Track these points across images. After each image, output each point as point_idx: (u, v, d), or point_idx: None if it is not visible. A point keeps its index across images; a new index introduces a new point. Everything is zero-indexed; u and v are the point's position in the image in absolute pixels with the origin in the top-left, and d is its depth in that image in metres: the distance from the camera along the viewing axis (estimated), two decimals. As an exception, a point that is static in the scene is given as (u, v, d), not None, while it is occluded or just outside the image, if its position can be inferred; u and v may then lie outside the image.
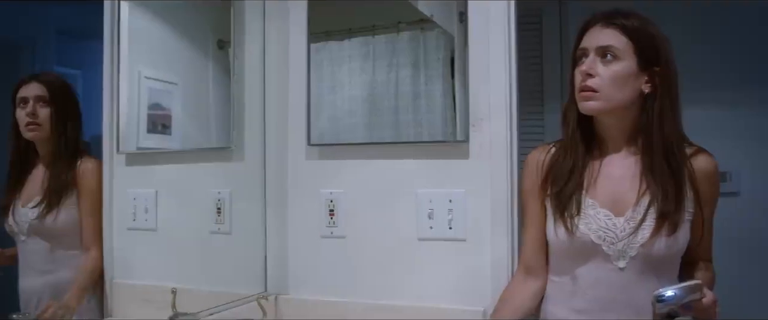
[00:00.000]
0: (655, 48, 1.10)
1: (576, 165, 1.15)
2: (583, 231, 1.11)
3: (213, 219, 1.43)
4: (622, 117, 1.12)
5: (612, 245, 1.09)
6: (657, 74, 1.10)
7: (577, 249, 1.12)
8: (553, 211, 1.15)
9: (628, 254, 1.09)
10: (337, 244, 1.43)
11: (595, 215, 1.11)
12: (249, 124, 1.47)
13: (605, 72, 1.09)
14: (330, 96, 1.47)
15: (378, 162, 1.41)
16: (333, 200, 1.44)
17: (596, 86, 1.09)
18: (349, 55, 1.46)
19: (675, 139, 1.10)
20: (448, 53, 1.38)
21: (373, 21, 1.45)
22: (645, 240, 1.07)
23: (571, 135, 1.16)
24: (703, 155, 1.14)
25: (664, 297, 0.94)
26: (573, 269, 1.14)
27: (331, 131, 1.46)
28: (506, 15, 1.33)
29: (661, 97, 1.10)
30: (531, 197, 1.21)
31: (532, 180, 1.20)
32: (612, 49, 1.09)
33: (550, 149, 1.20)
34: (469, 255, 1.32)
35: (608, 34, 1.10)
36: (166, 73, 1.44)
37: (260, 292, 1.44)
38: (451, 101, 1.36)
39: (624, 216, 1.10)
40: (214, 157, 1.47)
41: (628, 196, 1.11)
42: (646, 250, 1.08)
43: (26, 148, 1.17)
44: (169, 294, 1.25)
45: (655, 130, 1.09)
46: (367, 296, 1.39)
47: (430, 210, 1.35)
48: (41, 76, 1.17)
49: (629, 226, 1.09)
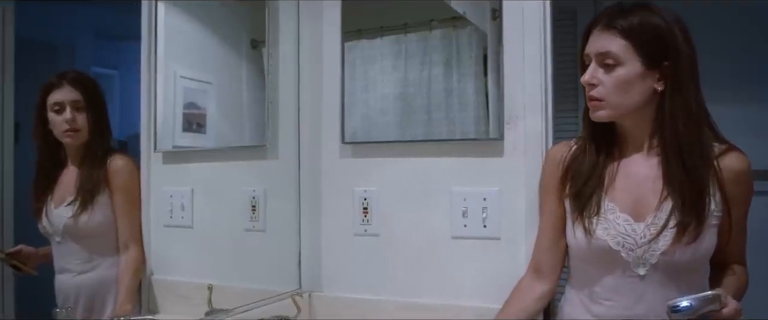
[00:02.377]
0: (660, 43, 1.03)
1: (596, 165, 1.11)
2: (601, 236, 1.06)
3: (248, 216, 1.45)
4: (638, 119, 1.08)
5: (631, 252, 1.05)
6: (667, 69, 1.04)
7: (595, 254, 1.08)
8: (572, 211, 1.12)
9: (649, 261, 1.04)
10: (371, 242, 1.44)
11: (614, 220, 1.07)
12: (283, 123, 1.48)
13: (607, 79, 1.04)
14: (362, 94, 1.48)
15: (411, 160, 1.41)
16: (367, 198, 1.44)
17: (600, 95, 1.05)
18: (381, 54, 1.46)
19: (692, 139, 1.04)
20: (481, 51, 1.37)
21: (405, 19, 1.45)
22: (666, 247, 1.02)
23: (588, 136, 1.13)
24: (733, 153, 1.07)
25: (679, 307, 0.90)
26: (592, 274, 1.11)
27: (364, 129, 1.47)
28: (541, 14, 1.31)
29: (676, 92, 1.03)
30: (549, 193, 1.18)
31: (551, 175, 1.18)
32: (610, 55, 1.03)
33: (572, 146, 1.17)
34: (503, 254, 1.31)
35: (606, 38, 1.04)
36: (201, 72, 1.47)
37: (294, 289, 1.45)
38: (484, 99, 1.35)
39: (644, 222, 1.05)
40: (248, 155, 1.48)
41: (649, 200, 1.06)
42: (667, 258, 1.03)
43: (56, 149, 1.18)
44: (205, 291, 1.27)
45: (667, 130, 1.04)
46: (400, 294, 1.39)
47: (465, 208, 1.34)
48: (69, 76, 1.17)
49: (650, 233, 1.04)
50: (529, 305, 1.20)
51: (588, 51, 1.07)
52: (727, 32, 2.51)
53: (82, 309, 1.18)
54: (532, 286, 1.21)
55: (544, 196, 1.21)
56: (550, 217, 1.19)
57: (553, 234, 1.18)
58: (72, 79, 1.17)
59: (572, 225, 1.11)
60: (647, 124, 1.08)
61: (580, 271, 1.15)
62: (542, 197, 1.21)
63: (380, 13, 1.49)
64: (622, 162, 1.12)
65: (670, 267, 1.04)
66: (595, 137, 1.13)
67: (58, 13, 1.15)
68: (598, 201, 1.09)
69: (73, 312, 1.16)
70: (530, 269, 1.23)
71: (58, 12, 1.15)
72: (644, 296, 1.05)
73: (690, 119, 1.03)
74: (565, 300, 1.20)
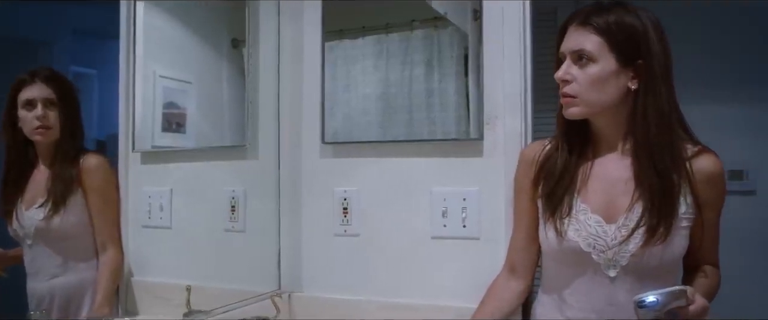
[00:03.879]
0: (635, 42, 1.03)
1: (568, 165, 1.11)
2: (572, 237, 1.06)
3: (227, 217, 1.44)
4: (611, 117, 1.07)
5: (601, 253, 1.05)
6: (641, 68, 1.04)
7: (566, 255, 1.09)
8: (544, 212, 1.11)
9: (619, 263, 1.04)
10: (351, 242, 1.43)
11: (585, 221, 1.07)
12: (263, 123, 1.48)
13: (581, 76, 1.04)
14: (344, 94, 1.47)
15: (391, 160, 1.41)
16: (347, 198, 1.44)
17: (573, 92, 1.05)
18: (363, 54, 1.46)
19: (664, 139, 1.03)
20: (462, 51, 1.37)
21: (387, 19, 1.45)
22: (636, 249, 1.02)
23: (561, 136, 1.12)
24: (705, 155, 1.07)
25: (645, 302, 0.90)
26: (563, 275, 1.11)
27: (345, 129, 1.47)
28: (521, 14, 1.32)
29: (643, 93, 1.03)
30: (522, 193, 1.18)
31: (524, 175, 1.18)
32: (584, 52, 1.03)
33: (545, 145, 1.17)
34: (483, 254, 1.31)
35: (581, 35, 1.04)
36: (181, 72, 1.45)
37: (274, 290, 1.45)
38: (465, 99, 1.36)
39: (616, 224, 1.05)
40: (228, 155, 1.48)
41: (620, 202, 1.06)
42: (637, 260, 1.03)
43: (26, 148, 1.14)
44: (184, 292, 1.26)
45: (638, 129, 1.03)
46: (380, 294, 1.39)
47: (444, 208, 1.35)
48: (42, 73, 1.13)
49: (620, 234, 1.03)
50: (504, 304, 1.21)
51: (563, 48, 1.08)
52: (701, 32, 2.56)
53: (56, 314, 1.14)
54: (507, 285, 1.22)
55: (517, 196, 1.21)
56: (523, 217, 1.19)
57: (527, 234, 1.19)
58: (45, 76, 1.14)
59: (544, 226, 1.11)
60: (621, 124, 1.07)
61: (552, 272, 1.16)
62: (516, 197, 1.21)
63: (362, 13, 1.49)
64: (595, 163, 1.11)
65: (641, 269, 1.03)
66: (568, 137, 1.12)
67: (36, 11, 1.13)
68: (569, 202, 1.09)
69: (47, 315, 1.13)
70: (505, 268, 1.24)
71: (37, 10, 1.13)
72: (615, 298, 1.05)
73: (662, 119, 1.03)
74: (538, 302, 1.20)
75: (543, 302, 1.18)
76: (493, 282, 1.24)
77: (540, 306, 1.19)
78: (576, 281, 1.09)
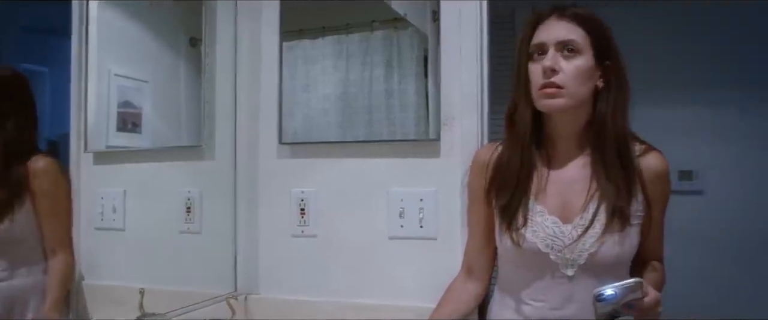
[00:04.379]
0: (607, 41, 1.07)
1: (525, 171, 1.10)
2: (531, 239, 1.07)
3: (182, 218, 1.41)
4: (578, 114, 1.08)
5: (559, 253, 1.06)
6: (609, 68, 1.07)
7: (525, 257, 1.09)
8: (501, 222, 1.11)
9: (577, 262, 1.05)
10: (308, 243, 1.43)
11: (542, 222, 1.08)
12: (220, 123, 1.46)
13: (568, 67, 1.04)
14: (304, 94, 1.46)
15: (350, 161, 1.41)
16: (304, 199, 1.43)
17: (561, 82, 1.03)
18: (323, 54, 1.45)
19: (624, 138, 1.06)
20: (422, 52, 1.38)
21: (347, 19, 1.44)
22: (592, 245, 1.04)
23: (524, 137, 1.10)
24: (652, 154, 1.10)
25: (604, 295, 0.92)
26: (521, 276, 1.12)
27: (305, 129, 1.45)
28: (478, 14, 1.33)
29: (614, 91, 1.06)
30: (476, 198, 1.18)
31: (477, 181, 1.17)
32: (573, 42, 1.04)
33: (496, 147, 1.16)
34: (440, 254, 1.32)
35: (566, 27, 1.05)
36: (137, 70, 1.42)
37: (230, 292, 1.43)
38: (424, 100, 1.36)
39: (572, 223, 1.06)
40: (184, 155, 1.45)
41: (577, 201, 1.08)
42: (594, 258, 1.04)
43: None
44: (137, 295, 1.23)
45: (608, 124, 1.05)
46: (337, 295, 1.38)
47: (401, 209, 1.35)
48: None
49: (576, 233, 1.05)
50: (461, 306, 1.22)
51: (545, 39, 1.06)
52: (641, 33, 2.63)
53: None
54: (465, 287, 1.23)
55: (472, 201, 1.21)
56: (479, 221, 1.19)
57: (483, 236, 1.19)
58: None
59: (501, 234, 1.12)
60: (582, 121, 1.09)
61: (510, 273, 1.16)
62: (470, 201, 1.22)
63: (322, 14, 1.48)
64: (551, 165, 1.12)
65: (597, 267, 1.05)
66: (521, 139, 1.10)
67: (-17, 8, 1.10)
68: (525, 212, 1.09)
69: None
70: (462, 271, 1.24)
71: (-15, 7, 1.10)
72: (573, 296, 1.07)
73: (624, 119, 1.07)
74: (494, 301, 1.21)
75: (500, 302, 1.18)
76: (450, 285, 1.25)
77: (497, 307, 1.19)
78: (534, 281, 1.10)
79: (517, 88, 1.11)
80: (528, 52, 1.09)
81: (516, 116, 1.11)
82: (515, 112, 1.11)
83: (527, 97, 1.09)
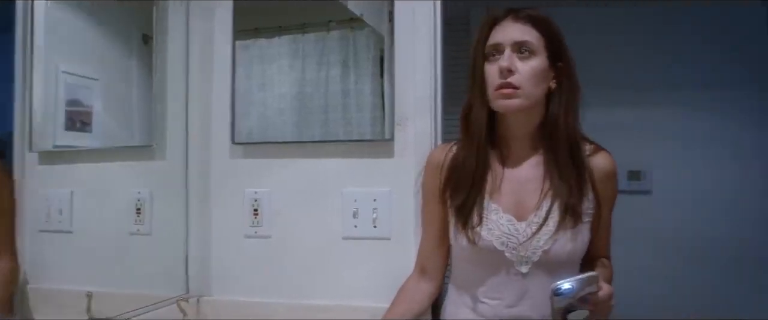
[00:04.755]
0: (560, 43, 1.09)
1: (479, 171, 1.11)
2: (486, 237, 1.08)
3: (132, 219, 1.38)
4: (532, 115, 1.10)
5: (514, 250, 1.07)
6: (561, 70, 1.09)
7: (480, 255, 1.10)
8: (456, 221, 1.12)
9: (531, 259, 1.07)
10: (262, 244, 1.41)
11: (497, 220, 1.09)
12: (171, 122, 1.43)
13: (523, 68, 1.05)
14: (259, 94, 1.45)
15: (304, 161, 1.40)
16: (257, 199, 1.41)
17: (518, 83, 1.04)
18: (279, 53, 1.44)
19: (576, 139, 1.09)
20: (378, 52, 1.38)
21: (303, 19, 1.43)
22: (546, 242, 1.06)
23: (479, 136, 1.11)
24: (601, 154, 1.13)
25: (562, 289, 0.93)
26: (476, 274, 1.13)
27: (261, 129, 1.44)
28: (432, 15, 1.34)
29: (566, 92, 1.09)
30: (431, 198, 1.19)
31: (432, 181, 1.18)
32: (528, 44, 1.06)
33: (451, 147, 1.17)
34: (394, 254, 1.32)
35: (522, 28, 1.07)
36: (87, 68, 1.39)
37: (181, 294, 1.41)
38: (380, 100, 1.36)
39: (526, 221, 1.08)
40: (134, 155, 1.42)
41: (530, 200, 1.10)
42: (548, 255, 1.06)
43: None
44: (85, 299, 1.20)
45: (561, 125, 1.08)
46: (292, 296, 1.37)
47: (355, 209, 1.35)
48: None
49: (531, 230, 1.07)
50: (415, 305, 1.22)
51: (501, 39, 1.07)
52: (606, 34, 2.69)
53: None
54: (418, 287, 1.23)
55: (426, 200, 1.22)
56: (433, 221, 1.20)
57: (437, 236, 1.20)
58: None
59: (456, 233, 1.12)
60: (535, 122, 1.11)
61: (465, 272, 1.17)
62: (424, 201, 1.22)
63: (278, 13, 1.46)
64: (505, 164, 1.14)
65: (551, 264, 1.07)
66: (476, 138, 1.12)
67: None
68: (480, 210, 1.10)
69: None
70: (416, 270, 1.25)
71: None
72: (527, 293, 1.09)
73: (575, 119, 1.09)
74: (449, 300, 1.22)
75: (455, 301, 1.19)
76: (403, 284, 1.25)
77: (451, 306, 1.20)
78: (489, 279, 1.11)
79: (473, 89, 1.12)
80: (483, 52, 1.10)
81: (471, 116, 1.12)
82: (470, 112, 1.12)
83: (483, 97, 1.10)
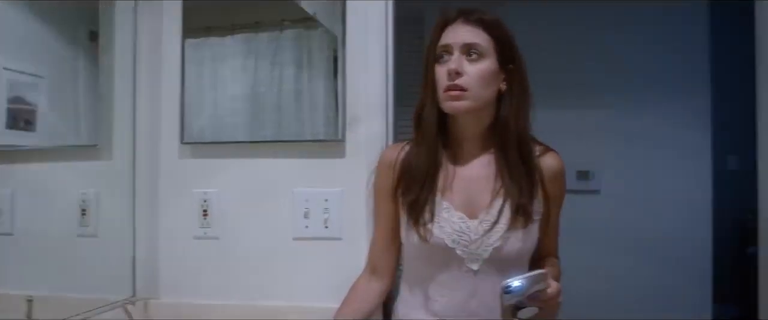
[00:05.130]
0: (510, 46, 1.11)
1: (431, 169, 1.12)
2: (438, 235, 1.09)
3: (77, 221, 1.34)
4: (482, 116, 1.12)
5: (465, 248, 1.09)
6: (512, 72, 1.11)
7: (432, 253, 1.11)
8: (407, 218, 1.13)
9: (482, 256, 1.08)
10: (211, 245, 1.39)
11: (449, 218, 1.10)
12: (118, 122, 1.40)
13: (472, 70, 1.07)
14: (211, 93, 1.43)
15: (255, 161, 1.39)
16: (207, 200, 1.39)
17: (465, 85, 1.06)
18: (232, 52, 1.42)
19: (526, 139, 1.11)
20: (332, 52, 1.37)
21: (256, 18, 1.42)
22: (497, 241, 1.08)
23: (430, 137, 1.12)
24: (550, 154, 1.15)
25: (511, 287, 0.94)
26: (428, 272, 1.14)
27: (213, 129, 1.42)
28: (384, 15, 1.34)
29: (517, 94, 1.10)
30: (383, 197, 1.19)
31: (384, 180, 1.19)
32: (477, 46, 1.07)
33: (403, 147, 1.18)
34: (345, 254, 1.32)
35: (471, 31, 1.08)
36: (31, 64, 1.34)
37: (127, 297, 1.38)
38: (334, 100, 1.36)
39: (478, 219, 1.10)
40: (79, 155, 1.38)
41: (482, 198, 1.11)
42: (499, 253, 1.08)
43: None
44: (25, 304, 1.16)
45: (511, 126, 1.10)
46: (242, 297, 1.36)
47: (306, 209, 1.34)
48: None
49: (482, 228, 1.08)
50: (365, 305, 1.22)
51: (450, 41, 1.09)
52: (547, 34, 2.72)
53: None
54: (370, 286, 1.23)
55: (378, 199, 1.22)
56: (385, 220, 1.20)
57: (388, 235, 1.20)
58: None
59: (408, 231, 1.13)
60: (486, 123, 1.12)
61: (416, 269, 1.18)
62: (377, 200, 1.22)
63: (231, 12, 1.44)
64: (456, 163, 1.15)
65: (501, 261, 1.09)
66: (428, 138, 1.13)
67: None
68: (432, 208, 1.11)
69: None
70: (367, 269, 1.25)
71: None
72: (477, 290, 1.10)
73: (526, 121, 1.11)
74: (400, 299, 1.22)
75: (406, 300, 1.20)
76: (355, 283, 1.25)
77: (402, 304, 1.21)
78: (440, 277, 1.12)
79: (425, 89, 1.13)
80: (435, 53, 1.11)
81: (423, 116, 1.13)
82: (422, 112, 1.14)
83: (434, 97, 1.11)
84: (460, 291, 1.11)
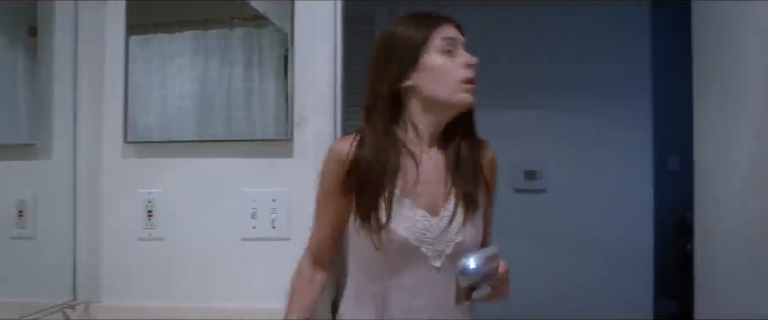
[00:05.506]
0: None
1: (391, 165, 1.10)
2: (402, 234, 1.08)
3: (14, 223, 1.29)
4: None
5: (430, 245, 1.09)
6: None
7: (396, 251, 1.09)
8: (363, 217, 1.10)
9: (445, 252, 1.09)
10: (156, 247, 1.37)
11: (412, 217, 1.09)
12: (58, 120, 1.35)
13: None
14: (159, 91, 1.40)
15: (202, 160, 1.37)
16: (151, 200, 1.37)
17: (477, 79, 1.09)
18: (180, 49, 1.40)
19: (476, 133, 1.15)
20: (283, 51, 1.37)
21: (206, 15, 1.40)
22: (458, 235, 1.08)
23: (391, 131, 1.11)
24: (484, 143, 1.18)
25: (469, 268, 0.95)
26: (384, 272, 1.12)
27: (160, 128, 1.39)
28: (333, 15, 1.35)
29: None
30: (332, 191, 1.15)
31: (334, 174, 1.14)
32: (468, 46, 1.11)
33: (352, 141, 1.13)
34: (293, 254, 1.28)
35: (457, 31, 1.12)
36: (-34, 60, 1.29)
37: (67, 301, 1.33)
38: (284, 100, 1.35)
39: (439, 216, 1.10)
40: (16, 154, 1.33)
41: (440, 194, 1.11)
42: (460, 246, 1.08)
43: None
44: (-43, 310, 1.12)
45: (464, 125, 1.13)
46: (188, 299, 1.34)
47: (254, 209, 1.33)
48: None
49: (444, 224, 1.09)
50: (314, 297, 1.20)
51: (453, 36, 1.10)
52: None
53: None
54: (315, 277, 1.20)
55: (325, 192, 1.17)
56: (331, 212, 1.16)
57: (332, 227, 1.17)
58: None
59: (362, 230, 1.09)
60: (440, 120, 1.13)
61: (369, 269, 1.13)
62: (324, 192, 1.17)
63: (180, 8, 1.42)
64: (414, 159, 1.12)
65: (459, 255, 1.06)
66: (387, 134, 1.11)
67: None
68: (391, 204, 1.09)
69: None
70: (309, 262, 1.21)
71: None
72: (438, 286, 1.09)
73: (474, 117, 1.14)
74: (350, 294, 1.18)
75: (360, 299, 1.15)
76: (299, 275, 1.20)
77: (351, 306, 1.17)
78: (400, 276, 1.10)
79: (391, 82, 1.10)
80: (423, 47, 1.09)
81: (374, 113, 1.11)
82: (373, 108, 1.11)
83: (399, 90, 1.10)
84: (425, 290, 1.10)
